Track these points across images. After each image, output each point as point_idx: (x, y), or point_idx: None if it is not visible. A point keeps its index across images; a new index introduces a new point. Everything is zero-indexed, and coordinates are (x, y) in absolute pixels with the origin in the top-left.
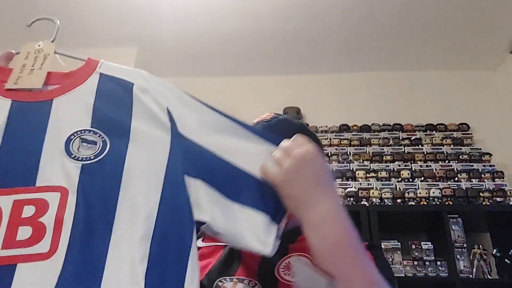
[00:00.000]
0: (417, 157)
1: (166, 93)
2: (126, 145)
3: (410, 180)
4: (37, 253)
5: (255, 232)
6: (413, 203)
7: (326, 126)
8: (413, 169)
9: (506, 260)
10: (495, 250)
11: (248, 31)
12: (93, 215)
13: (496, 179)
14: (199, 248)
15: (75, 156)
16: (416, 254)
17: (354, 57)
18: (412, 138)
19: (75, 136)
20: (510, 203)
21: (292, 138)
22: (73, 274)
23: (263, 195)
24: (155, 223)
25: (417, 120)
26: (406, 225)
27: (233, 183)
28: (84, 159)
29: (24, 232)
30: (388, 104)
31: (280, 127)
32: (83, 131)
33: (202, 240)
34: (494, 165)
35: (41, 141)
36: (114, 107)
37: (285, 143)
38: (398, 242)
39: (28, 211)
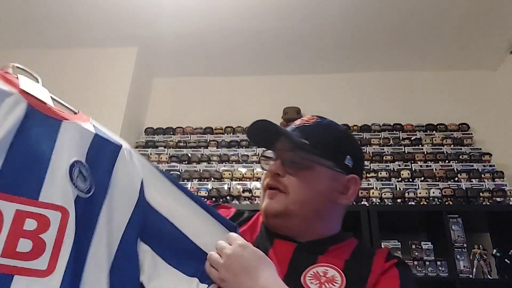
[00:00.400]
0: (417, 157)
1: (144, 163)
2: (104, 197)
3: (410, 180)
4: (35, 268)
5: None
6: (413, 203)
7: None
8: (413, 169)
9: (506, 260)
10: (495, 250)
11: (248, 31)
12: (81, 244)
13: (496, 179)
14: None
15: (75, 183)
16: (416, 254)
17: (354, 57)
18: (412, 138)
19: (77, 164)
20: (510, 203)
21: (227, 237)
22: None
23: (202, 270)
24: (109, 274)
25: (417, 120)
26: (406, 225)
27: (178, 252)
28: (80, 189)
29: (24, 245)
30: (388, 104)
31: (322, 132)
32: (81, 163)
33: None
34: (494, 165)
35: (48, 157)
36: (103, 157)
37: (220, 243)
38: (398, 242)
39: (29, 224)
